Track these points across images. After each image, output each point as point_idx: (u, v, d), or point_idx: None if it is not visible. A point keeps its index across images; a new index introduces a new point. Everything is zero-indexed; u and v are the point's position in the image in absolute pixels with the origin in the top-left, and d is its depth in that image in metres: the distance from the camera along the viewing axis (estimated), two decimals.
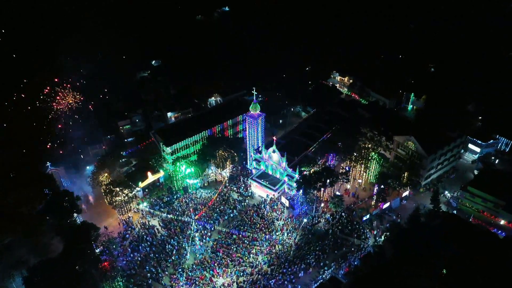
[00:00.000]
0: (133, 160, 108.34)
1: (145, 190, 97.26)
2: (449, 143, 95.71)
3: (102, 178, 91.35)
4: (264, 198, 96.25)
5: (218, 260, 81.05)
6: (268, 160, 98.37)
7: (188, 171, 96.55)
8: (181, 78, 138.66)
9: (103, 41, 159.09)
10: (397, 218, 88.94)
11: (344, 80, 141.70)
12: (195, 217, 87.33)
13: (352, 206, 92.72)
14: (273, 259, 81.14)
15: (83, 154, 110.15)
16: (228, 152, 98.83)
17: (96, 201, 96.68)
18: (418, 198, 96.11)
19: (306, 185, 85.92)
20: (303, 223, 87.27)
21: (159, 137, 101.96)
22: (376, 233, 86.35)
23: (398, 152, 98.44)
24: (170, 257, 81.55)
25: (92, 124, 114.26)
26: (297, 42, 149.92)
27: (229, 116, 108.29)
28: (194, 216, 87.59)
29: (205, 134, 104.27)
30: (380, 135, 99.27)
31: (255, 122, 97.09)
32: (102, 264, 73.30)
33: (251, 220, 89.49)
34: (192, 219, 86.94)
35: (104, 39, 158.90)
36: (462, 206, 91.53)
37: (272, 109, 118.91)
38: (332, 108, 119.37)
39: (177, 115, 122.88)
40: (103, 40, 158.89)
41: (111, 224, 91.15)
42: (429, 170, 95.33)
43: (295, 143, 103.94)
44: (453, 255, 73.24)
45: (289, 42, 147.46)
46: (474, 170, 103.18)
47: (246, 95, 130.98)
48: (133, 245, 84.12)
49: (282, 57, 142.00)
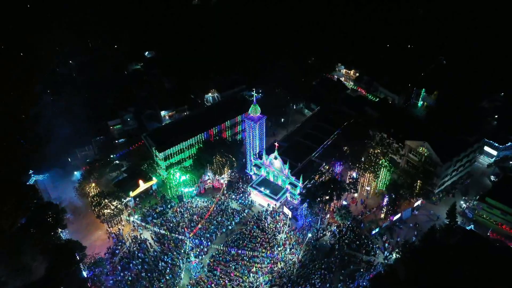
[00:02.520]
0: (124, 164, 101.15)
1: (137, 198, 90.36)
2: (466, 148, 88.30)
3: (89, 189, 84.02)
4: (264, 207, 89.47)
5: (216, 280, 74.73)
6: (269, 166, 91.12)
7: (183, 178, 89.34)
8: (176, 71, 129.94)
9: (93, 29, 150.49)
10: (410, 231, 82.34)
11: (349, 73, 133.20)
12: (190, 235, 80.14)
13: (360, 217, 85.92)
14: (275, 279, 74.85)
15: (71, 157, 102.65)
16: (226, 158, 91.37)
17: (84, 211, 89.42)
18: (430, 207, 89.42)
19: (310, 198, 78.78)
20: (308, 238, 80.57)
21: (151, 141, 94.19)
22: (386, 247, 79.90)
23: (410, 157, 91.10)
24: (163, 276, 75.12)
25: (80, 124, 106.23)
26: (299, 31, 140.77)
27: (227, 117, 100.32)
28: (188, 235, 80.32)
29: (201, 137, 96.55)
30: (390, 138, 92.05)
31: (255, 126, 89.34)
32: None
33: (251, 234, 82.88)
34: (186, 237, 79.78)
35: (95, 27, 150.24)
36: (478, 217, 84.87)
37: (274, 106, 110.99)
38: (338, 105, 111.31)
39: (172, 113, 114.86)
40: (93, 28, 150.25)
41: (100, 237, 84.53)
42: (443, 178, 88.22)
43: (298, 147, 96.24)
44: (471, 280, 67.29)
45: (291, 31, 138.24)
46: (491, 176, 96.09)
47: (245, 90, 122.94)
48: (123, 263, 77.65)
49: (284, 48, 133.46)
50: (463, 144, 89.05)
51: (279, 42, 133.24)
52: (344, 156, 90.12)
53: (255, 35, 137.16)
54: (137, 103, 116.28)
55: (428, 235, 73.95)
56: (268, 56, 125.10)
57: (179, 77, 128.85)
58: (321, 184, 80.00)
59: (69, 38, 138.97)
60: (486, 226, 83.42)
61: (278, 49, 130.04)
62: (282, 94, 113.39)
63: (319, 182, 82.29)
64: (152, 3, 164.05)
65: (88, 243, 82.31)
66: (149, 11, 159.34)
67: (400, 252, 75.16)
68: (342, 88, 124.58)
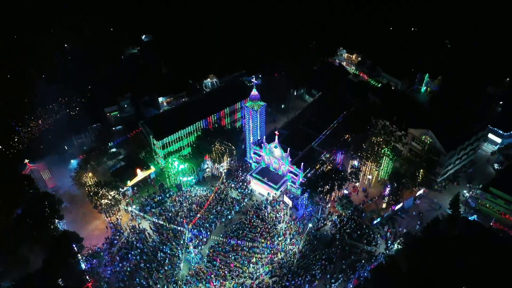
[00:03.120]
0: (121, 151, 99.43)
1: (135, 187, 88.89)
2: (470, 136, 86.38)
3: (86, 178, 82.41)
4: (264, 196, 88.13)
5: (215, 270, 73.92)
6: (269, 154, 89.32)
7: (181, 167, 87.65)
8: (174, 56, 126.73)
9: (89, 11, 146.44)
10: (412, 221, 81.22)
11: (352, 58, 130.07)
12: (188, 226, 78.85)
13: (361, 207, 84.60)
14: (275, 270, 74.03)
15: (67, 145, 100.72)
16: (225, 146, 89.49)
17: (81, 200, 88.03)
18: (433, 196, 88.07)
19: (311, 189, 77.26)
20: (308, 228, 79.42)
21: (149, 129, 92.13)
22: (389, 236, 78.79)
23: (413, 146, 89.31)
24: (162, 267, 74.29)
25: (76, 111, 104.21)
26: (300, 13, 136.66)
27: (227, 104, 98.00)
28: (187, 226, 78.97)
29: (199, 125, 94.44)
30: (393, 126, 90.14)
31: (255, 114, 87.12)
32: (85, 286, 65.72)
33: (251, 223, 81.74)
34: (185, 228, 78.48)
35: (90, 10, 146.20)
36: (481, 207, 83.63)
37: (274, 92, 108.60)
38: (339, 92, 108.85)
39: (170, 99, 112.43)
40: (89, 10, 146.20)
41: (98, 227, 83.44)
42: (446, 166, 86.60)
43: (298, 135, 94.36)
44: (473, 270, 66.50)
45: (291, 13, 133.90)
46: (494, 164, 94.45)
47: (245, 75, 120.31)
48: (122, 253, 76.67)
49: (284, 31, 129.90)
50: (468, 132, 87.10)
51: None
52: (345, 145, 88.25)
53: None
54: (134, 89, 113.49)
55: (430, 226, 72.80)
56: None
57: (177, 61, 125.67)
58: (322, 174, 78.22)
59: (63, 21, 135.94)
60: (489, 215, 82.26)
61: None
62: (283, 79, 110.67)
63: (320, 172, 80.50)
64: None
65: (86, 233, 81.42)
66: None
67: (402, 243, 74.11)
68: (344, 73, 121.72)
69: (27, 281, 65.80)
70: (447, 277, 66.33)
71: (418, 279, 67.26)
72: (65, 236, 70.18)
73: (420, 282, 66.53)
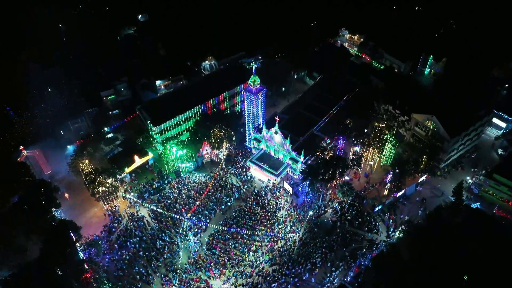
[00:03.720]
0: (119, 136, 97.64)
1: (133, 174, 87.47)
2: (475, 122, 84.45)
3: (83, 165, 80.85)
4: (264, 183, 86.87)
5: (215, 258, 73.33)
6: (269, 140, 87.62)
7: (179, 153, 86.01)
8: (172, 37, 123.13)
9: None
10: (414, 208, 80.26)
11: (354, 39, 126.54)
12: (187, 215, 77.64)
13: (363, 193, 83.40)
14: (275, 258, 73.44)
15: (63, 130, 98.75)
16: (224, 132, 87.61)
17: (78, 186, 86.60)
18: (435, 182, 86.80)
19: (312, 177, 75.83)
20: (309, 215, 78.43)
21: (146, 114, 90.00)
22: (390, 223, 77.94)
23: (416, 131, 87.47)
24: (161, 255, 73.65)
25: (72, 95, 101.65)
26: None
27: (226, 88, 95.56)
28: (186, 215, 77.76)
29: (198, 109, 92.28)
30: (395, 111, 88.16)
31: (254, 98, 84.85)
32: (84, 276, 65.05)
33: (251, 211, 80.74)
34: (184, 217, 77.30)
35: None
36: (484, 193, 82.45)
37: (274, 75, 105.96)
38: (341, 74, 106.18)
39: (167, 83, 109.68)
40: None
41: (96, 214, 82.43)
42: (450, 152, 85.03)
43: (299, 119, 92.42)
44: (476, 259, 65.92)
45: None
46: (498, 149, 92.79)
47: (244, 57, 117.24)
48: (120, 241, 75.93)
49: (285, 11, 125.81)
50: (472, 117, 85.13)
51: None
52: (347, 131, 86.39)
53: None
54: (131, 71, 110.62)
55: (433, 214, 71.82)
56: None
57: (175, 42, 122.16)
58: (323, 162, 76.61)
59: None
60: (492, 202, 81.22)
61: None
62: (283, 61, 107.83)
63: (321, 160, 78.84)
64: None
65: (84, 220, 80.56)
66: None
67: (404, 231, 73.26)
68: (346, 55, 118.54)
69: (25, 271, 65.22)
70: (449, 265, 65.77)
71: (420, 267, 66.84)
72: (62, 225, 69.03)
73: (421, 270, 66.08)
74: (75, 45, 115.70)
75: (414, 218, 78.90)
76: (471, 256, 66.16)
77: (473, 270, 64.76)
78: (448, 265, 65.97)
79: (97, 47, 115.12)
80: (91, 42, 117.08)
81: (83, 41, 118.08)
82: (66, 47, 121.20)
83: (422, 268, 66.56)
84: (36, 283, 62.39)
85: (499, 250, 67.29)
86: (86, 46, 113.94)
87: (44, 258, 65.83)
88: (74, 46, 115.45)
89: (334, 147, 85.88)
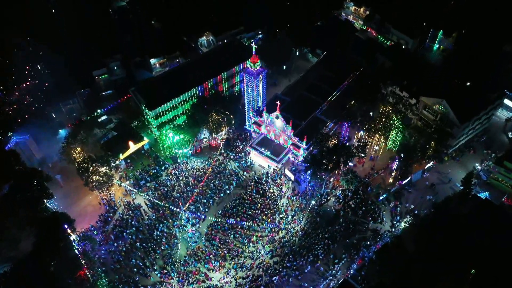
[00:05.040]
0: (113, 118, 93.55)
1: (128, 160, 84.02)
2: (486, 106, 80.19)
3: (75, 153, 77.24)
4: (265, 169, 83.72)
5: (214, 250, 71.26)
6: (270, 124, 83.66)
7: (176, 138, 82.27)
8: (167, 10, 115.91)
9: None
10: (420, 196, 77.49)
11: (359, 11, 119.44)
12: (184, 208, 74.81)
13: (367, 180, 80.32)
14: (276, 249, 71.37)
15: (55, 112, 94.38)
16: (222, 115, 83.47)
17: (72, 173, 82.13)
18: (443, 168, 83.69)
19: (315, 166, 72.43)
20: (311, 205, 75.69)
21: (140, 97, 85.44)
22: (396, 212, 75.44)
23: (424, 114, 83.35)
24: (159, 247, 71.52)
25: (62, 74, 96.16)
26: None
27: (224, 68, 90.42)
28: (183, 208, 74.93)
29: (195, 91, 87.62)
30: (403, 92, 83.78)
31: (254, 81, 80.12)
32: (78, 273, 62.93)
33: (251, 199, 78.00)
34: (182, 210, 74.52)
35: None
36: (493, 180, 79.50)
37: (274, 52, 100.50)
38: (346, 52, 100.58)
39: (163, 61, 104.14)
40: None
41: (91, 203, 79.72)
42: (458, 138, 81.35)
43: (301, 102, 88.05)
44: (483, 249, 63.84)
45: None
46: (509, 133, 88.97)
47: (243, 32, 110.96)
48: (116, 232, 73.62)
49: None
50: (484, 100, 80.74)
51: None
52: (351, 115, 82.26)
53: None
54: (124, 48, 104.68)
55: (441, 206, 69.12)
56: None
57: (170, 15, 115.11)
58: (327, 151, 72.97)
59: None
60: (501, 189, 78.47)
61: None
62: (284, 38, 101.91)
63: (325, 148, 75.03)
64: None
65: (78, 209, 78.13)
66: None
67: (409, 222, 70.84)
68: (351, 29, 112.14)
69: (18, 267, 63.09)
70: (455, 256, 63.70)
71: (425, 259, 64.88)
72: (55, 219, 66.26)
73: (427, 261, 64.16)
74: (65, 18, 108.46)
75: (419, 206, 76.48)
76: (478, 247, 64.13)
77: (480, 261, 62.95)
78: (454, 256, 63.99)
79: (89, 20, 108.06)
80: (82, 14, 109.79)
81: (73, 12, 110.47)
82: (56, 20, 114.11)
83: (427, 259, 64.70)
84: (30, 280, 60.38)
85: (507, 241, 65.06)
86: (77, 18, 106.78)
87: (37, 254, 63.67)
88: (64, 19, 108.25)
89: (338, 134, 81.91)
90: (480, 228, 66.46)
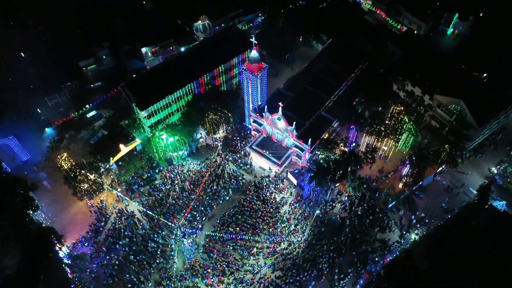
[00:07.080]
0: (103, 113, 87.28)
1: (119, 162, 78.53)
2: (507, 105, 73.92)
3: (61, 160, 71.51)
4: (266, 171, 78.46)
5: (212, 263, 67.17)
6: (272, 125, 77.60)
7: (170, 140, 76.41)
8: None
9: None
10: (431, 203, 72.67)
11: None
12: (179, 223, 70.03)
13: (375, 185, 75.22)
14: (278, 262, 67.30)
15: (40, 108, 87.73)
16: (220, 114, 77.21)
17: (61, 176, 77.28)
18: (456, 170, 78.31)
19: (321, 176, 66.96)
20: (316, 214, 70.99)
21: (131, 94, 78.78)
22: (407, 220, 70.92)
23: (437, 113, 77.17)
24: (154, 260, 67.35)
25: (46, 65, 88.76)
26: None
27: (221, 60, 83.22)
28: (178, 224, 70.23)
29: (190, 87, 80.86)
30: (414, 86, 77.33)
31: (255, 78, 73.28)
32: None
33: (250, 206, 73.19)
34: (176, 225, 69.76)
35: None
36: (509, 185, 74.51)
37: (276, 39, 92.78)
38: (353, 38, 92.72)
39: (155, 49, 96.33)
40: None
41: (81, 209, 74.81)
42: (475, 139, 75.65)
43: (304, 97, 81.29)
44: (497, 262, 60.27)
45: None
46: None
47: (242, 15, 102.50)
48: (108, 243, 69.28)
49: None
50: (504, 98, 74.28)
51: None
52: (359, 116, 75.98)
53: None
54: (113, 35, 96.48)
55: (455, 219, 64.55)
56: None
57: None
58: (333, 161, 67.31)
59: None
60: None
61: None
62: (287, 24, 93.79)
63: (331, 158, 69.27)
64: None
65: (68, 218, 73.60)
66: None
67: (419, 236, 66.46)
68: (359, 11, 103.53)
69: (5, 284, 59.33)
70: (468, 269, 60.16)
71: (438, 276, 61.18)
72: (41, 237, 61.57)
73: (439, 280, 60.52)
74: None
75: (430, 214, 71.84)
76: (492, 255, 60.68)
77: (494, 274, 59.61)
78: (467, 269, 60.47)
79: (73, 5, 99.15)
80: None
81: None
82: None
83: (439, 277, 61.04)
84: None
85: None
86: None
87: (24, 271, 59.67)
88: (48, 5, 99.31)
89: (345, 139, 75.85)
90: (494, 237, 63.02)
